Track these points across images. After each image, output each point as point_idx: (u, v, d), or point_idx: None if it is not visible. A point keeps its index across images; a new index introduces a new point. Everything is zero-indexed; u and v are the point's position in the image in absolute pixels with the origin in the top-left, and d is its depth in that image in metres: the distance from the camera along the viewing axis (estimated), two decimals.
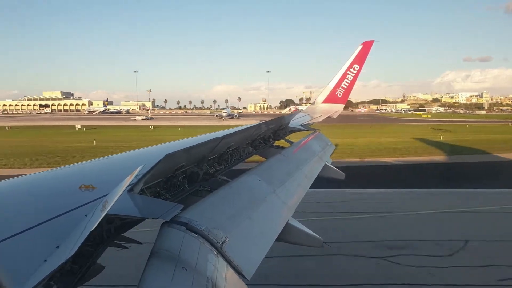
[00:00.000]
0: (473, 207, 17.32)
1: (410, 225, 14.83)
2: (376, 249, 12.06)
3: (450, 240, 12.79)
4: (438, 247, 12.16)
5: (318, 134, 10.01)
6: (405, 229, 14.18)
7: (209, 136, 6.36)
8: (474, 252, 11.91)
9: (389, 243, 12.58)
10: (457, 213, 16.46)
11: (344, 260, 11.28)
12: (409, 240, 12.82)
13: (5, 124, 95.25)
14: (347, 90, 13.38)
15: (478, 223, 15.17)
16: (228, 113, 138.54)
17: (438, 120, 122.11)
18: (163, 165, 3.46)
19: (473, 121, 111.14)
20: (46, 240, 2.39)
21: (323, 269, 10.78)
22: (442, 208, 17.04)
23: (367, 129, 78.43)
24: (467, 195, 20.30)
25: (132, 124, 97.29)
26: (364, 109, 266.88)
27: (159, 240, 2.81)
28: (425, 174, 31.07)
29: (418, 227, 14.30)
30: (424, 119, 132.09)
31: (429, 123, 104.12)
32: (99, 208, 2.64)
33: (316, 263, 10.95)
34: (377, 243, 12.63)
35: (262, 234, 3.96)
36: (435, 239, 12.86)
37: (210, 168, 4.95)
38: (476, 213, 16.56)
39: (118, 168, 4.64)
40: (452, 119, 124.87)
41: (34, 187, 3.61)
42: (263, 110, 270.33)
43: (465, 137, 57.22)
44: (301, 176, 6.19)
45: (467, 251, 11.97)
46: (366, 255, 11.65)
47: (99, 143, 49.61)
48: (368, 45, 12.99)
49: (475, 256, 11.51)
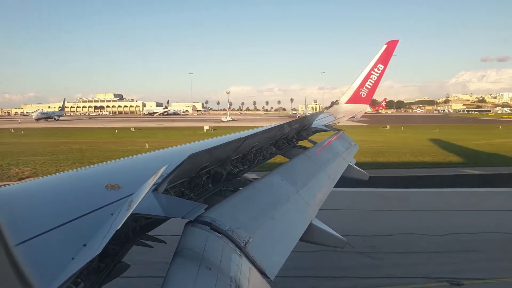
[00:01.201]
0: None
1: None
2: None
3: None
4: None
5: (342, 134, 9.89)
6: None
7: (233, 136, 6.37)
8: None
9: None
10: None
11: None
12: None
13: (100, 126, 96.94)
14: (371, 90, 13.19)
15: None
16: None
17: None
18: (187, 165, 3.48)
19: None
20: (74, 238, 2.44)
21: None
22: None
23: (499, 130, 71.42)
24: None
25: (226, 125, 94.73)
26: (420, 110, 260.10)
27: (183, 240, 2.82)
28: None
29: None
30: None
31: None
32: (124, 208, 2.67)
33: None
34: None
35: (285, 234, 3.93)
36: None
37: (233, 168, 4.95)
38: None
39: (143, 168, 4.70)
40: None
41: (62, 186, 3.69)
42: (315, 111, 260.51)
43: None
44: (324, 177, 6.12)
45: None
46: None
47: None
48: (393, 44, 12.76)
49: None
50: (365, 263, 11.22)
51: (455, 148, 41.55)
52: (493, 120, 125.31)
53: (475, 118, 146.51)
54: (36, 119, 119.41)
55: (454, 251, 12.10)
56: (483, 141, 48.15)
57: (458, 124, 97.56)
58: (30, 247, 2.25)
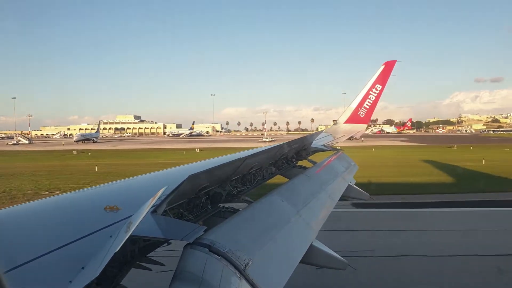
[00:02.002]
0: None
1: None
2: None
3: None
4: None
5: (341, 154, 9.91)
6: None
7: (233, 156, 6.37)
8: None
9: None
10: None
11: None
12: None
13: (147, 147, 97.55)
14: (370, 110, 13.30)
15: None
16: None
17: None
18: (186, 186, 3.47)
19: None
20: (72, 261, 2.41)
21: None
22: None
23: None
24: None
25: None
26: (442, 130, 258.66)
27: (182, 262, 2.79)
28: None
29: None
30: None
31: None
32: (123, 229, 2.65)
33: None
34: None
35: (286, 256, 3.89)
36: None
37: (233, 188, 4.94)
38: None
39: (142, 189, 4.68)
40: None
41: (60, 208, 3.67)
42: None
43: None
44: (324, 197, 6.10)
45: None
46: None
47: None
48: (391, 65, 12.94)
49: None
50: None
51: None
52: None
53: (508, 138, 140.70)
54: (76, 140, 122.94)
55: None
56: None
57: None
58: (28, 270, 2.23)
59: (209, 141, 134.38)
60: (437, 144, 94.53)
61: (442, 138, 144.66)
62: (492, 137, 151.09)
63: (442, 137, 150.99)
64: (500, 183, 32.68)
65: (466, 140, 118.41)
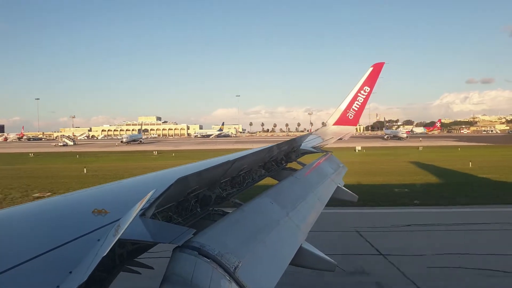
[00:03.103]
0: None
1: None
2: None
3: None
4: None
5: (330, 156, 9.96)
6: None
7: (222, 159, 6.37)
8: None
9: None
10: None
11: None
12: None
13: (199, 148, 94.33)
14: (358, 112, 13.42)
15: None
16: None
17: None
18: (175, 189, 3.46)
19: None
20: (59, 265, 2.39)
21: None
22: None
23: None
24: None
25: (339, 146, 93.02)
26: (466, 130, 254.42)
27: (171, 265, 2.78)
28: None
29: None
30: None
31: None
32: (111, 233, 2.64)
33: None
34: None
35: (276, 258, 3.89)
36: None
37: (222, 191, 4.93)
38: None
39: (131, 193, 4.65)
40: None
41: (47, 212, 3.63)
42: (358, 131, 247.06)
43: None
44: (314, 199, 6.12)
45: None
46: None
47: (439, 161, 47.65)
48: (379, 67, 13.07)
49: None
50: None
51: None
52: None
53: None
54: (125, 142, 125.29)
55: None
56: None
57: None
58: (14, 275, 2.20)
59: (244, 141, 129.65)
60: (503, 144, 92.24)
61: (493, 138, 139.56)
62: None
63: (492, 137, 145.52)
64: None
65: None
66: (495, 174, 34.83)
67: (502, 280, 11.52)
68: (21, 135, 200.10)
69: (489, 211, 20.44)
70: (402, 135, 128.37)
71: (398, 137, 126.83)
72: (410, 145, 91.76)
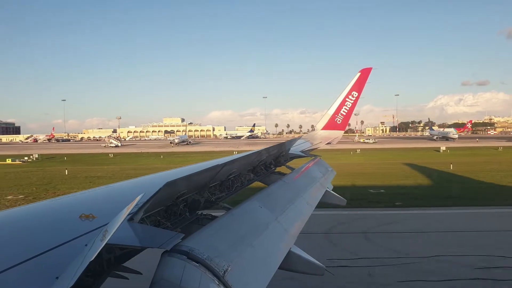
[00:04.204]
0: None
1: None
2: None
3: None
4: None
5: (319, 160, 10.01)
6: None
7: (211, 163, 6.35)
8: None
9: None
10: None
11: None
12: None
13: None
14: (346, 116, 13.51)
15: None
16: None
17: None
18: (163, 194, 3.44)
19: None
20: (46, 270, 2.36)
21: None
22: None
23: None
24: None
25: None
26: (493, 132, 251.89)
27: (160, 270, 2.76)
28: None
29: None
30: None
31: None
32: (99, 238, 2.61)
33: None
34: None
35: (265, 262, 3.89)
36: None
37: (211, 195, 4.92)
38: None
39: (119, 197, 4.61)
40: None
41: (35, 217, 3.58)
42: (385, 133, 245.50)
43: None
44: (302, 203, 6.14)
45: None
46: None
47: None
48: (366, 72, 13.20)
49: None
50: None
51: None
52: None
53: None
54: (177, 143, 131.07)
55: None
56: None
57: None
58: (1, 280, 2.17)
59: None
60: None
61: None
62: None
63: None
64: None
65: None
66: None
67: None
68: (51, 136, 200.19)
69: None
70: (453, 136, 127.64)
71: (447, 138, 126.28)
72: (483, 145, 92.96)
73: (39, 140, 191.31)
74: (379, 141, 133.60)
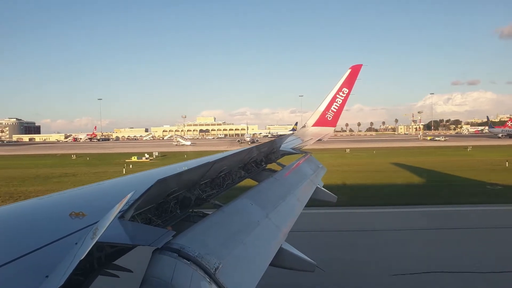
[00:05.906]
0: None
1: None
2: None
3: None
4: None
5: (310, 157, 10.05)
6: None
7: (202, 160, 6.35)
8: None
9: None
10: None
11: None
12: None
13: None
14: (337, 113, 13.56)
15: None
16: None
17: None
18: (154, 191, 3.44)
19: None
20: (35, 270, 2.34)
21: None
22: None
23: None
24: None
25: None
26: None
27: (150, 268, 2.75)
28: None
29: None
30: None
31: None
32: (89, 236, 2.60)
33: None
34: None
35: (256, 259, 3.91)
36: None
37: (202, 193, 4.92)
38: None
39: (109, 195, 4.59)
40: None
41: (23, 215, 3.55)
42: (418, 131, 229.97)
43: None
44: (293, 200, 6.17)
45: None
46: None
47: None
48: (357, 69, 13.25)
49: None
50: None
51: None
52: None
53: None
54: (249, 141, 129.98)
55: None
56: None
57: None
58: None
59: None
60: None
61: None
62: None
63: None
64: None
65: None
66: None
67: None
68: (93, 135, 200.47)
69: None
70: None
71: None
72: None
73: (81, 139, 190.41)
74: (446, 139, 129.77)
